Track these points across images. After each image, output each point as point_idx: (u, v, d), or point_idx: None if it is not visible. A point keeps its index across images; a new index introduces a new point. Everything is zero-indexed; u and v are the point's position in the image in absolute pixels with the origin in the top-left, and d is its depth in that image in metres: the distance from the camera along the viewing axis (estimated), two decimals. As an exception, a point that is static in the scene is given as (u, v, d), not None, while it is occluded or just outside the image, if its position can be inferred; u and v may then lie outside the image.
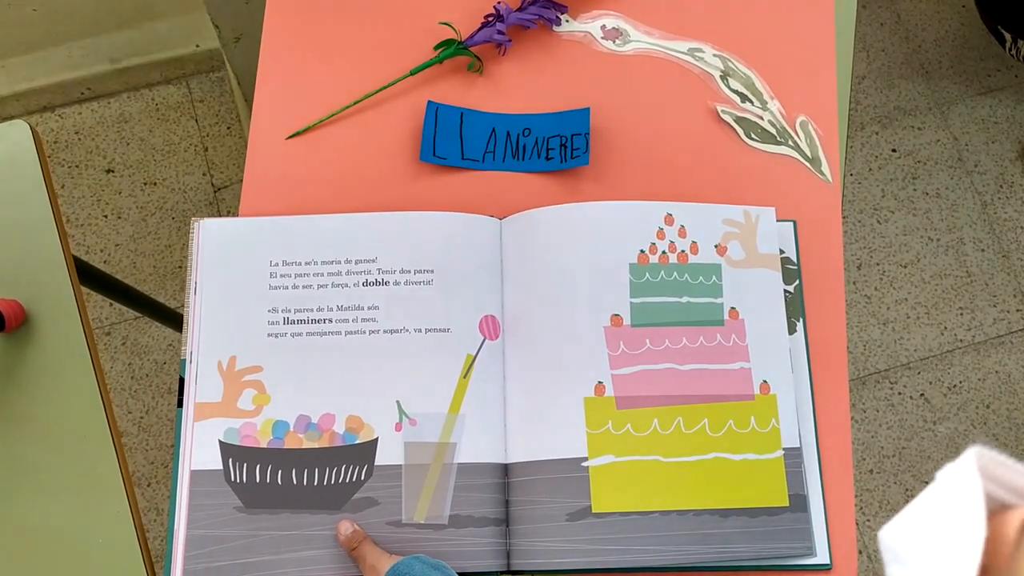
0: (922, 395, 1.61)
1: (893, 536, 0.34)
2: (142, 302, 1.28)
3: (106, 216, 1.65)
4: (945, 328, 1.65)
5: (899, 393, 1.61)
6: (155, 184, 1.67)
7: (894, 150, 1.75)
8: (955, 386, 1.62)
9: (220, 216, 1.65)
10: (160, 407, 1.55)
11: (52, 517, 0.81)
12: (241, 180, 1.66)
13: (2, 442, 0.83)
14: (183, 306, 1.60)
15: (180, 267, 1.62)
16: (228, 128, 1.70)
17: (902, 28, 1.83)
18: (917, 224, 1.71)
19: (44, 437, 0.83)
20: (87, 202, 1.65)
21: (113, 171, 1.67)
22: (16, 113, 1.70)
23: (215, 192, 1.67)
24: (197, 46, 1.69)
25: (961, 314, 1.66)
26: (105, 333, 1.58)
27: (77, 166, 1.67)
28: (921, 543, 0.33)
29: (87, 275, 1.10)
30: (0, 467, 0.82)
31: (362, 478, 0.71)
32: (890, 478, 1.56)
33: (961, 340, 1.64)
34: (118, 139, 1.69)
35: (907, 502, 0.36)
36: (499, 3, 0.85)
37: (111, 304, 1.59)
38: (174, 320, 1.37)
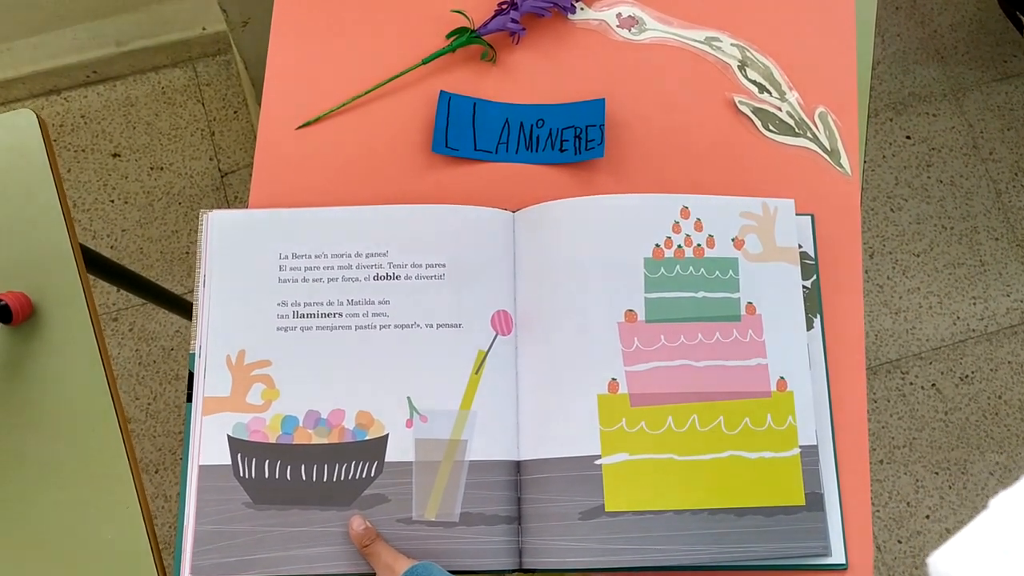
0: (934, 385, 1.60)
1: None
2: (149, 289, 1.27)
3: (112, 201, 1.64)
4: (958, 318, 1.63)
5: (910, 383, 1.60)
6: (162, 169, 1.66)
7: (908, 137, 1.73)
8: (967, 376, 1.61)
9: (227, 201, 1.64)
10: (167, 393, 1.55)
11: (61, 507, 0.81)
12: (248, 165, 1.65)
13: (10, 434, 0.82)
14: (190, 292, 1.60)
15: (187, 252, 1.61)
16: (235, 112, 1.69)
17: (918, 13, 1.80)
18: (930, 212, 1.69)
19: (52, 429, 0.82)
20: (93, 187, 1.64)
21: (119, 155, 1.66)
22: (21, 96, 1.68)
23: (222, 177, 1.65)
24: (203, 29, 1.67)
25: (974, 303, 1.64)
26: (112, 319, 1.58)
27: (83, 150, 1.66)
28: None
29: (93, 262, 1.09)
30: (8, 458, 0.82)
31: (372, 475, 0.71)
32: (900, 468, 1.55)
33: (974, 330, 1.63)
34: (124, 123, 1.68)
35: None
36: (512, -10, 0.83)
37: (118, 290, 1.58)
38: (181, 306, 1.36)
